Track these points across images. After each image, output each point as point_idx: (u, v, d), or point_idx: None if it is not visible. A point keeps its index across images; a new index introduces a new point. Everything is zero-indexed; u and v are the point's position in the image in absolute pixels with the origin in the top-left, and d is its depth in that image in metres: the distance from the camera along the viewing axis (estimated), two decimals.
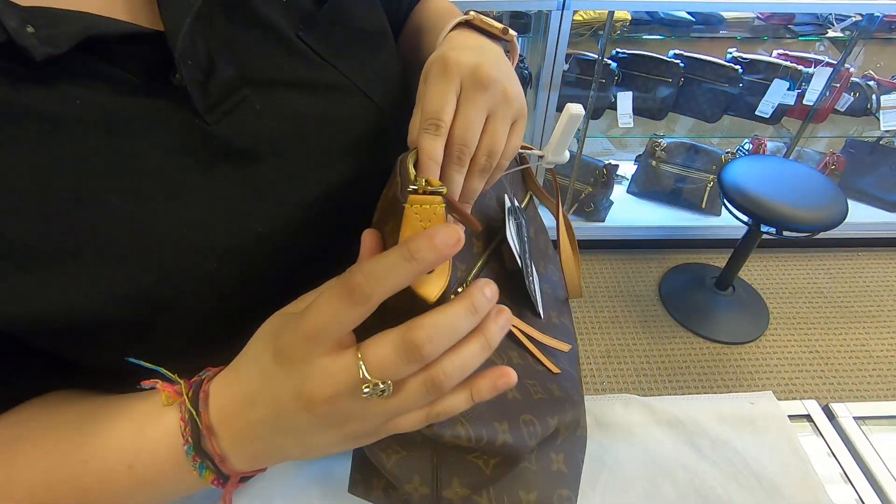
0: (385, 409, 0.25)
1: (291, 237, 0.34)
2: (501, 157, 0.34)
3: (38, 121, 0.25)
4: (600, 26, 1.69)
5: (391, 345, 0.23)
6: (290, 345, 0.25)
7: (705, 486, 0.51)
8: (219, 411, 0.27)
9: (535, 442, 0.38)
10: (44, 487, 0.28)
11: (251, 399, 0.27)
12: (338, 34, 0.36)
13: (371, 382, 0.23)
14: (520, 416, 0.38)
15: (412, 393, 0.24)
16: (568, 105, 0.38)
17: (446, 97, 0.32)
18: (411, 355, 0.23)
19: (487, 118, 0.33)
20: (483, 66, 0.32)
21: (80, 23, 0.25)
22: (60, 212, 0.25)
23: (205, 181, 0.30)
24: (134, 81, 0.27)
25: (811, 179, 1.55)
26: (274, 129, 0.32)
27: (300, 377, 0.24)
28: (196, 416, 0.27)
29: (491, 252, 0.44)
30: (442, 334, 0.23)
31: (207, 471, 0.28)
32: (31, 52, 0.23)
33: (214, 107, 0.29)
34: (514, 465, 0.38)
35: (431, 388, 0.24)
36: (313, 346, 0.24)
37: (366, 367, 0.23)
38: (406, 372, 0.24)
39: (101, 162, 0.26)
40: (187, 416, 0.27)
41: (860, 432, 0.58)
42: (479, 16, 0.39)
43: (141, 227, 0.28)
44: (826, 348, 1.75)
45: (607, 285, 1.97)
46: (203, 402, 0.28)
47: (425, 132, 0.31)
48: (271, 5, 0.32)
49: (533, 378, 0.42)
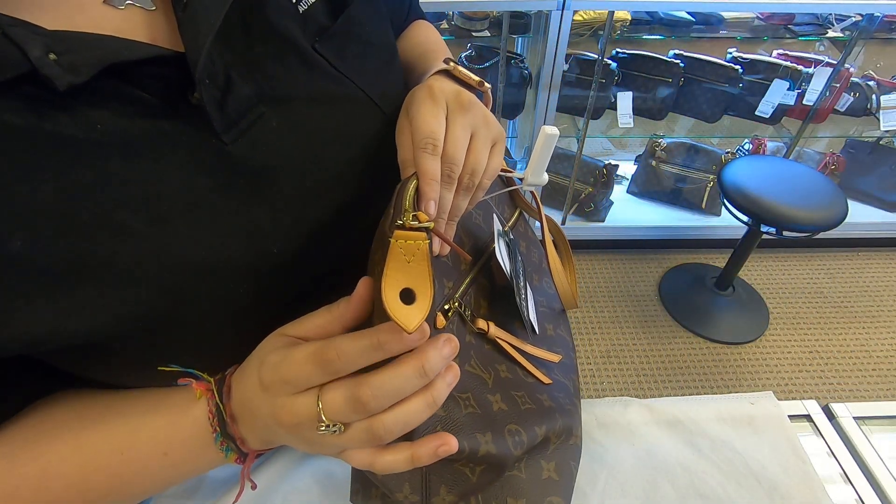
0: (336, 442, 0.29)
1: (306, 255, 0.34)
2: (483, 177, 0.36)
3: (61, 146, 0.25)
4: (600, 26, 1.70)
5: (342, 396, 0.27)
6: (269, 380, 0.29)
7: (705, 487, 0.51)
8: (237, 402, 0.32)
9: (520, 451, 0.39)
10: (80, 477, 0.32)
11: (250, 400, 0.31)
12: (352, 47, 0.36)
13: (325, 423, 0.27)
14: (505, 426, 0.39)
15: (356, 435, 0.28)
16: (543, 127, 0.39)
17: (438, 118, 0.34)
18: (357, 407, 0.27)
19: (470, 138, 0.35)
20: (464, 92, 0.36)
21: (102, 48, 0.25)
22: (82, 236, 0.25)
23: (223, 202, 0.30)
24: (152, 102, 0.27)
25: (811, 179, 1.55)
26: (290, 146, 0.32)
27: (273, 405, 0.29)
28: (222, 408, 0.32)
29: (479, 269, 0.44)
30: (387, 394, 0.27)
31: (232, 452, 0.33)
32: (54, 83, 0.23)
33: (231, 126, 0.29)
34: (500, 471, 0.38)
35: (371, 437, 0.28)
36: (286, 388, 0.28)
37: (322, 409, 0.27)
38: (353, 419, 0.28)
39: (122, 186, 0.26)
40: (215, 409, 0.32)
41: (860, 432, 0.58)
42: (458, 67, 0.42)
43: (160, 250, 0.28)
44: (826, 348, 1.75)
45: (607, 285, 1.97)
46: (227, 394, 0.32)
47: (423, 151, 0.32)
48: (287, 18, 0.32)
49: (521, 389, 0.43)
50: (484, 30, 1.71)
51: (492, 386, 0.40)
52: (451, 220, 0.35)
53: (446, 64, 0.42)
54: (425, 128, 0.33)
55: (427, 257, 0.27)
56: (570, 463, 0.44)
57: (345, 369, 0.27)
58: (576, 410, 0.47)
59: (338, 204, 0.35)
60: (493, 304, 0.44)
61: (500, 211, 0.51)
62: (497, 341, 0.42)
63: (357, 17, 0.37)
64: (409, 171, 0.33)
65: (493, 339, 0.42)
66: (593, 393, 1.62)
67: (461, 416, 0.36)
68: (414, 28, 0.54)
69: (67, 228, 0.25)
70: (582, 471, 0.53)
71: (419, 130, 0.33)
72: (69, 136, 0.25)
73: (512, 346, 0.43)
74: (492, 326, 0.41)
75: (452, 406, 0.36)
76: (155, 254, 0.28)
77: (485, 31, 1.72)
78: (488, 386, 0.40)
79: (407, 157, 0.33)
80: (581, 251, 2.09)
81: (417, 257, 0.27)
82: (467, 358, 0.39)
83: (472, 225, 0.45)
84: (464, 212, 0.36)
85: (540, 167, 0.42)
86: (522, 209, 0.56)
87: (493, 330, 0.41)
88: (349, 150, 0.36)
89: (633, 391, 1.63)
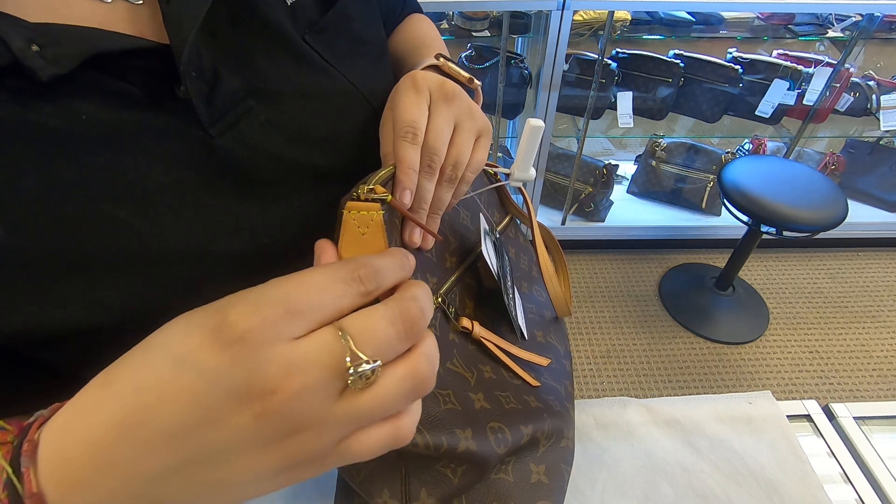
0: (355, 411, 0.20)
1: (296, 248, 0.34)
2: (467, 170, 0.35)
3: (45, 137, 0.25)
4: (600, 26, 1.70)
5: (382, 318, 0.20)
6: (255, 323, 0.18)
7: (704, 486, 0.51)
8: (64, 464, 0.19)
9: (504, 449, 0.38)
10: None
11: (138, 416, 0.18)
12: (342, 41, 0.36)
13: (361, 359, 0.19)
14: (487, 423, 0.38)
15: (393, 387, 0.20)
16: (528, 119, 0.38)
17: (420, 107, 0.33)
18: (409, 330, 0.21)
19: (454, 130, 0.34)
20: (448, 82, 0.35)
21: (85, 40, 0.24)
22: (68, 227, 0.25)
23: (210, 195, 0.30)
24: (138, 94, 0.27)
25: (811, 179, 1.55)
26: (279, 140, 0.32)
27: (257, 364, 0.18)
28: (17, 483, 0.19)
29: (466, 269, 0.44)
30: (429, 307, 0.22)
31: None
32: (37, 74, 0.23)
33: (218, 119, 0.29)
34: (483, 472, 0.38)
35: (416, 380, 0.21)
36: (291, 324, 0.19)
37: (354, 342, 0.19)
38: (399, 349, 0.21)
39: (108, 177, 0.26)
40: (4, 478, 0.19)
41: (860, 432, 0.58)
42: (448, 63, 0.41)
43: (148, 242, 0.28)
44: (826, 348, 1.74)
45: (607, 285, 1.97)
46: (29, 457, 0.19)
47: (403, 140, 0.32)
48: (277, 10, 0.32)
49: (506, 390, 0.42)
50: (484, 30, 1.72)
51: (474, 385, 0.40)
52: (433, 212, 0.35)
53: (437, 59, 0.41)
54: (406, 116, 0.32)
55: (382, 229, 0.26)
56: (562, 466, 0.43)
57: (379, 289, 0.22)
58: (567, 414, 0.46)
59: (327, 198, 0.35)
60: (479, 306, 0.44)
61: (490, 214, 0.50)
62: (482, 341, 0.42)
63: (347, 12, 0.37)
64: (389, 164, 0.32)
65: (477, 338, 0.41)
66: (593, 393, 1.62)
67: (440, 412, 0.35)
68: (409, 22, 0.54)
69: (52, 220, 0.25)
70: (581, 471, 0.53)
71: (400, 119, 0.32)
72: (54, 127, 0.25)
73: (497, 347, 0.43)
74: (476, 326, 0.41)
75: (430, 402, 0.35)
76: (142, 245, 0.27)
77: (485, 31, 1.72)
78: (470, 384, 0.39)
79: (389, 150, 0.33)
80: (581, 251, 2.09)
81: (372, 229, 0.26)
82: (449, 356, 0.39)
83: (459, 225, 0.45)
84: (448, 206, 0.35)
85: (526, 161, 0.41)
86: (513, 213, 0.55)
87: (477, 329, 0.41)
88: (338, 145, 0.35)
89: (632, 391, 1.63)
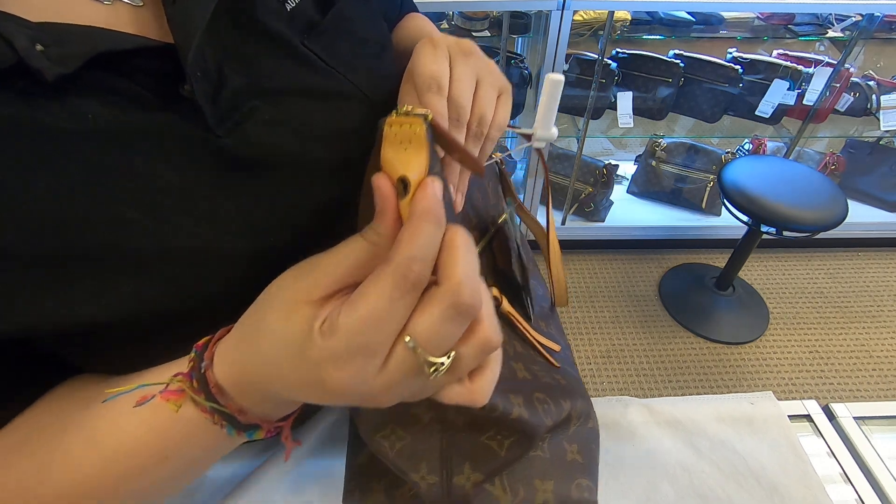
0: (439, 385, 0.23)
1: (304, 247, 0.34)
2: (491, 128, 0.34)
3: (53, 137, 0.25)
4: (600, 26, 1.69)
5: (442, 320, 0.21)
6: (346, 379, 0.21)
7: (705, 487, 0.51)
8: (234, 373, 0.26)
9: (550, 421, 0.37)
10: (70, 483, 0.28)
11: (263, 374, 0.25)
12: (343, 43, 0.36)
13: (435, 364, 0.21)
14: (533, 393, 0.37)
15: (470, 353, 0.22)
16: (548, 74, 0.37)
17: (440, 62, 0.32)
18: (467, 316, 0.21)
19: (476, 85, 0.33)
20: (465, 40, 0.34)
21: (89, 40, 0.24)
22: (77, 226, 0.25)
23: (216, 193, 0.30)
24: (144, 94, 0.27)
25: (811, 179, 1.55)
26: (283, 139, 0.32)
27: (360, 398, 0.22)
28: (221, 407, 0.26)
29: (483, 247, 0.43)
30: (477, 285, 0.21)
31: (258, 432, 0.28)
32: (42, 74, 0.23)
33: (224, 119, 0.29)
34: (530, 444, 0.36)
35: (484, 345, 0.22)
36: (374, 362, 0.21)
37: (424, 349, 0.21)
38: (458, 335, 0.22)
39: (115, 177, 0.26)
40: (209, 407, 0.26)
41: (860, 432, 0.58)
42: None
43: (156, 241, 0.28)
44: (826, 348, 1.74)
45: (607, 285, 1.97)
46: (217, 392, 0.26)
47: (428, 91, 0.30)
48: (275, 17, 0.32)
49: (537, 365, 0.42)
50: (484, 30, 1.72)
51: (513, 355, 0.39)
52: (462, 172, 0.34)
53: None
54: (427, 69, 0.31)
55: (425, 143, 0.24)
56: (592, 446, 0.42)
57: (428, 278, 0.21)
58: (588, 397, 0.46)
59: (333, 196, 0.35)
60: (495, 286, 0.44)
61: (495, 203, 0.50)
62: (509, 317, 0.41)
63: (346, 12, 0.37)
64: None
65: (505, 313, 0.40)
66: (593, 393, 1.62)
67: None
68: (408, 20, 0.55)
69: (62, 221, 0.25)
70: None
71: (422, 74, 0.31)
72: (61, 127, 0.25)
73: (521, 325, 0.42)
74: (504, 301, 0.40)
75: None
76: (150, 244, 0.27)
77: (485, 31, 1.72)
78: (510, 354, 0.38)
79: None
80: (581, 251, 2.09)
81: (415, 143, 0.23)
82: None
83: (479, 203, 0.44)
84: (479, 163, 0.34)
85: (548, 119, 0.39)
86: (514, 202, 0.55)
87: (505, 304, 0.40)
88: (343, 144, 0.35)
89: (633, 391, 1.63)
